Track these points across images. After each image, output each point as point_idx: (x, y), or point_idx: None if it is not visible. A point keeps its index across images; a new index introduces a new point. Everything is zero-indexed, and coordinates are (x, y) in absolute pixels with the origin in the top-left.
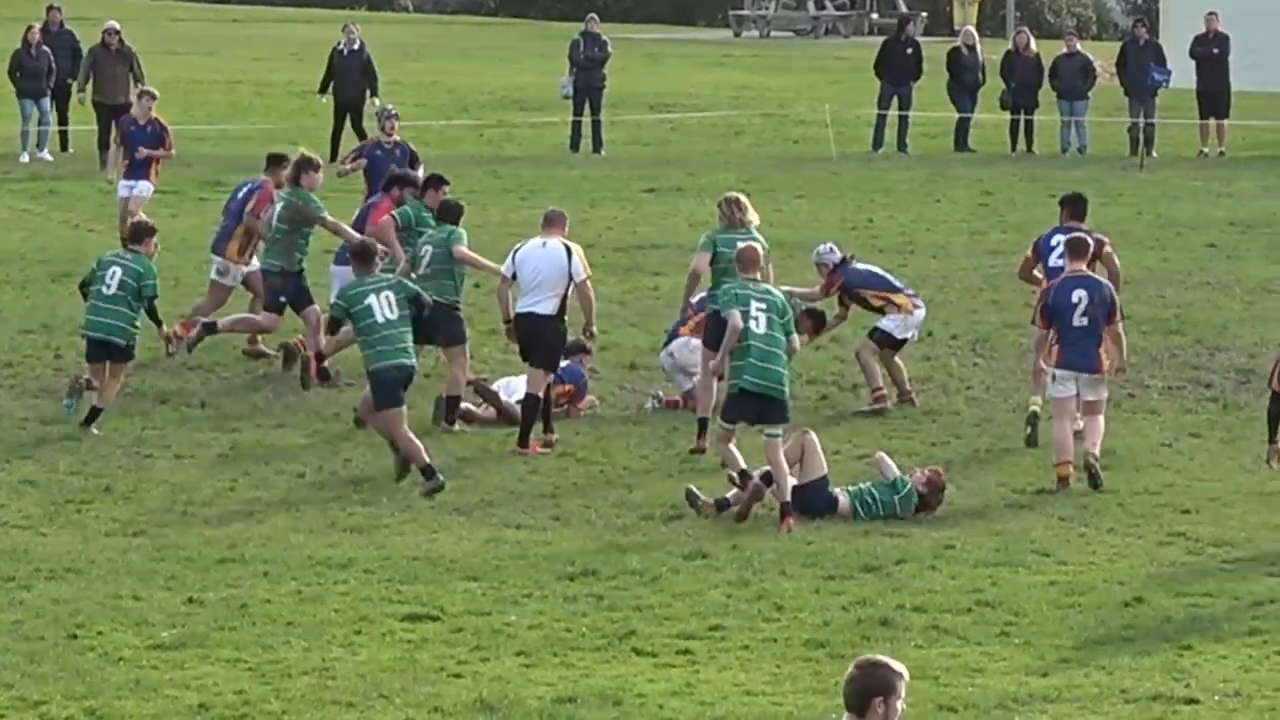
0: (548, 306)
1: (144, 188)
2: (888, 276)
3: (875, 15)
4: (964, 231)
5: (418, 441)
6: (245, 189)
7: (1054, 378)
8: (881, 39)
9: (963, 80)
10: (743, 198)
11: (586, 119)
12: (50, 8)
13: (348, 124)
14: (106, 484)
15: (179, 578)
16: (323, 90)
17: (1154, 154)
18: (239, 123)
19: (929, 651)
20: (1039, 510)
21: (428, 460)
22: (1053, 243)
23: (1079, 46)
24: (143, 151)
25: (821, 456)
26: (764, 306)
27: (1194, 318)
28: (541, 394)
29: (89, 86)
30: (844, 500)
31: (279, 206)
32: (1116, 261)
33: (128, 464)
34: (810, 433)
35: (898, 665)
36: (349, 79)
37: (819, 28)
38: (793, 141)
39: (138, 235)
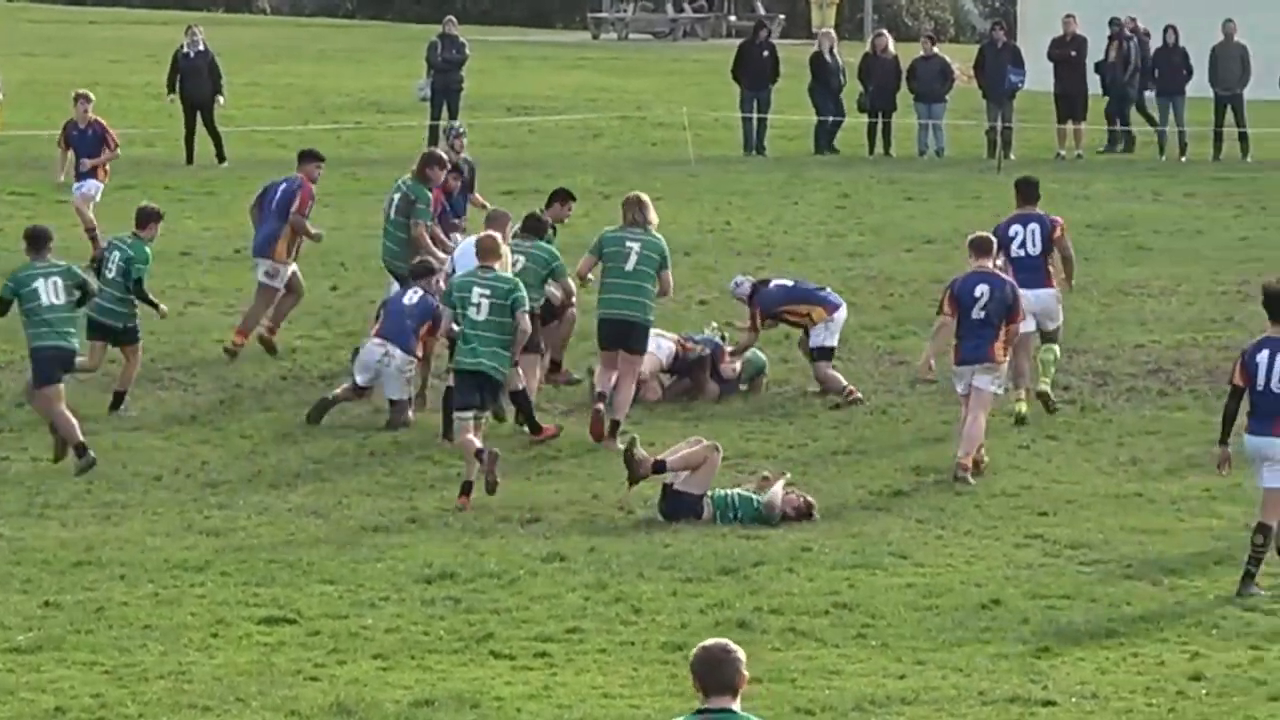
0: None
1: (91, 186)
2: (804, 286)
3: (733, 18)
4: (822, 234)
5: (73, 420)
6: (281, 189)
7: (954, 374)
8: (740, 41)
9: (826, 83)
10: (645, 198)
11: (444, 121)
12: None
13: (199, 124)
14: None
15: (35, 581)
16: (170, 89)
17: (1011, 156)
18: None
19: (786, 654)
20: (896, 512)
21: (80, 439)
22: (1011, 233)
23: (936, 49)
24: (86, 164)
25: (712, 476)
26: (487, 293)
27: None
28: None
29: None
30: (708, 509)
31: (398, 198)
32: (1070, 244)
33: None
34: (719, 450)
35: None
36: (196, 80)
37: (677, 30)
38: (650, 144)
39: (142, 220)
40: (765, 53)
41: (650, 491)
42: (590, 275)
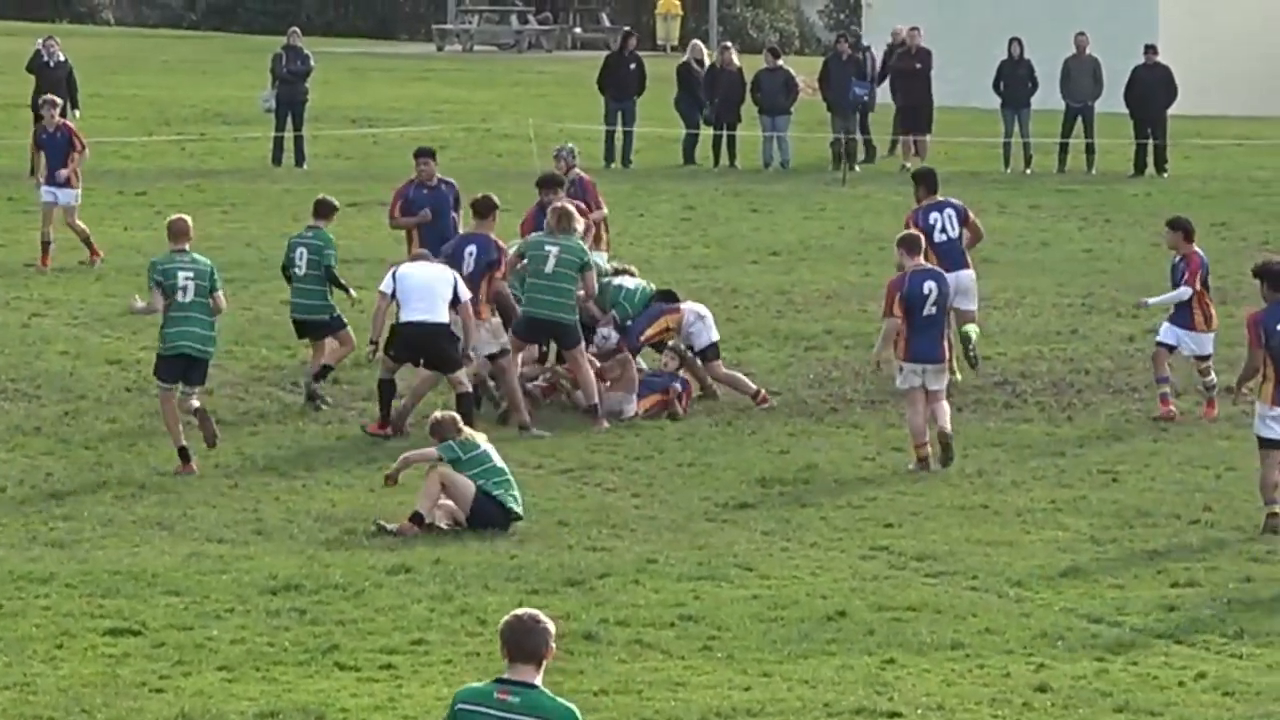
0: (440, 315)
1: (69, 195)
2: (654, 307)
3: (579, 30)
4: (667, 246)
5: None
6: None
7: (901, 370)
8: (585, 53)
9: (693, 94)
10: (571, 209)
11: (289, 133)
12: None
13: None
14: None
15: None
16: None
17: (856, 169)
18: None
19: (632, 665)
20: (741, 525)
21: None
22: (930, 220)
23: (781, 62)
24: (61, 174)
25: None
26: (191, 275)
27: None
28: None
29: None
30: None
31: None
32: (981, 227)
33: None
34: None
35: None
36: (53, 91)
37: (522, 42)
38: (496, 155)
39: (323, 211)
40: (632, 65)
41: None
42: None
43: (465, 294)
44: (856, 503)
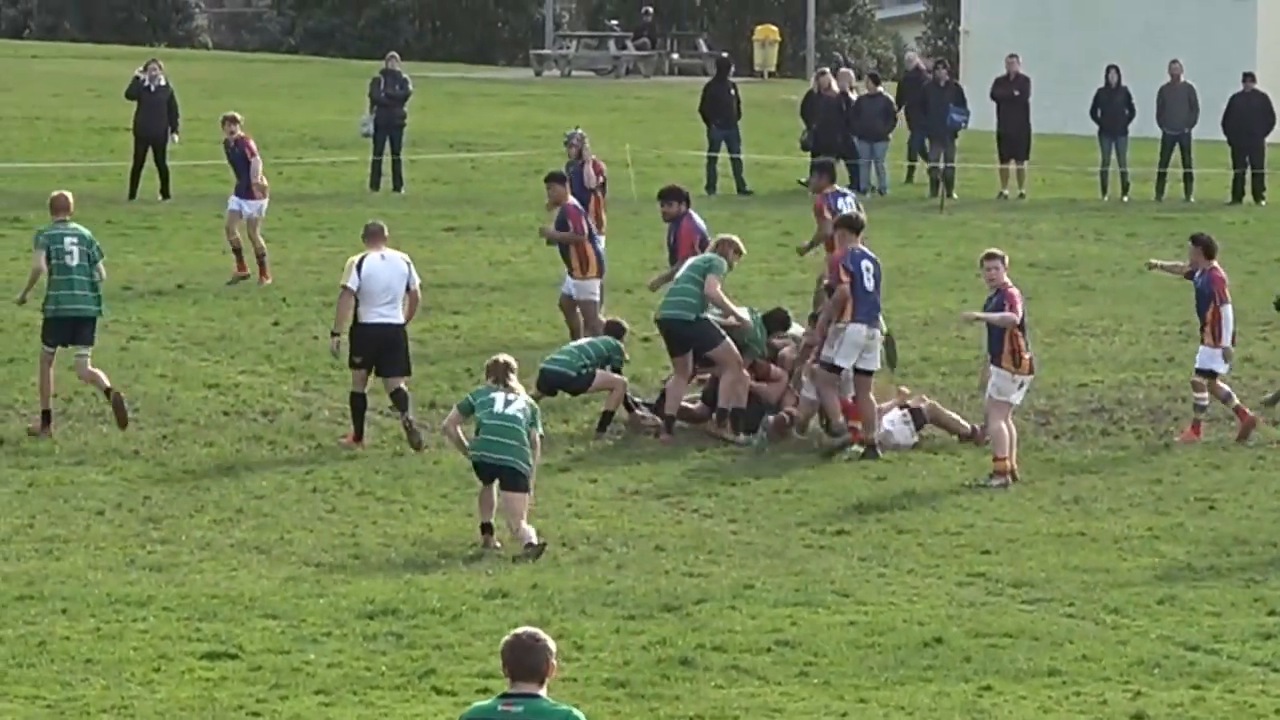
0: (399, 315)
1: (250, 206)
2: None
3: (675, 55)
4: (764, 271)
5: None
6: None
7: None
8: (682, 79)
9: (829, 123)
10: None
11: (387, 157)
12: None
13: (149, 160)
14: None
15: None
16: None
17: (954, 196)
18: (37, 159)
19: (729, 691)
20: (838, 550)
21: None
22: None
23: (880, 88)
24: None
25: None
26: (75, 241)
27: None
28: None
29: None
30: None
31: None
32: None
33: None
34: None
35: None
36: (153, 115)
37: (620, 67)
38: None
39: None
40: (732, 91)
41: (592, 528)
42: None
43: (416, 282)
44: (953, 529)
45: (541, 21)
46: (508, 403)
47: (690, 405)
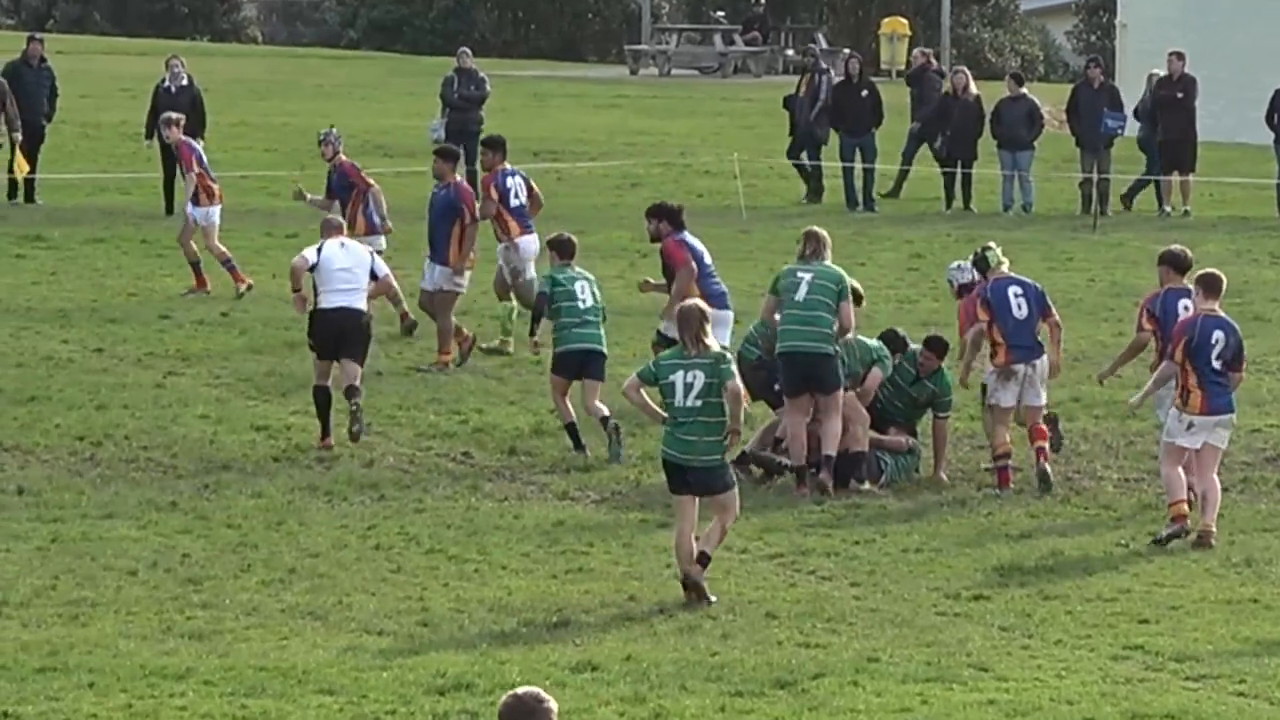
0: (360, 301)
1: (202, 214)
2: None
3: (790, 52)
4: (891, 299)
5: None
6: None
7: (1191, 425)
8: (797, 79)
9: (966, 130)
10: (822, 234)
11: (461, 167)
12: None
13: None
14: None
15: None
16: (149, 134)
17: (1108, 212)
18: (63, 169)
19: None
20: (976, 619)
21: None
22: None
23: (1024, 90)
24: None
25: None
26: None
27: (1154, 399)
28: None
29: None
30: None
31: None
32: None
33: None
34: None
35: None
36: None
37: (726, 65)
38: (696, 195)
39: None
40: (864, 92)
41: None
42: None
43: (383, 270)
44: (1107, 595)
45: (637, 13)
46: (688, 388)
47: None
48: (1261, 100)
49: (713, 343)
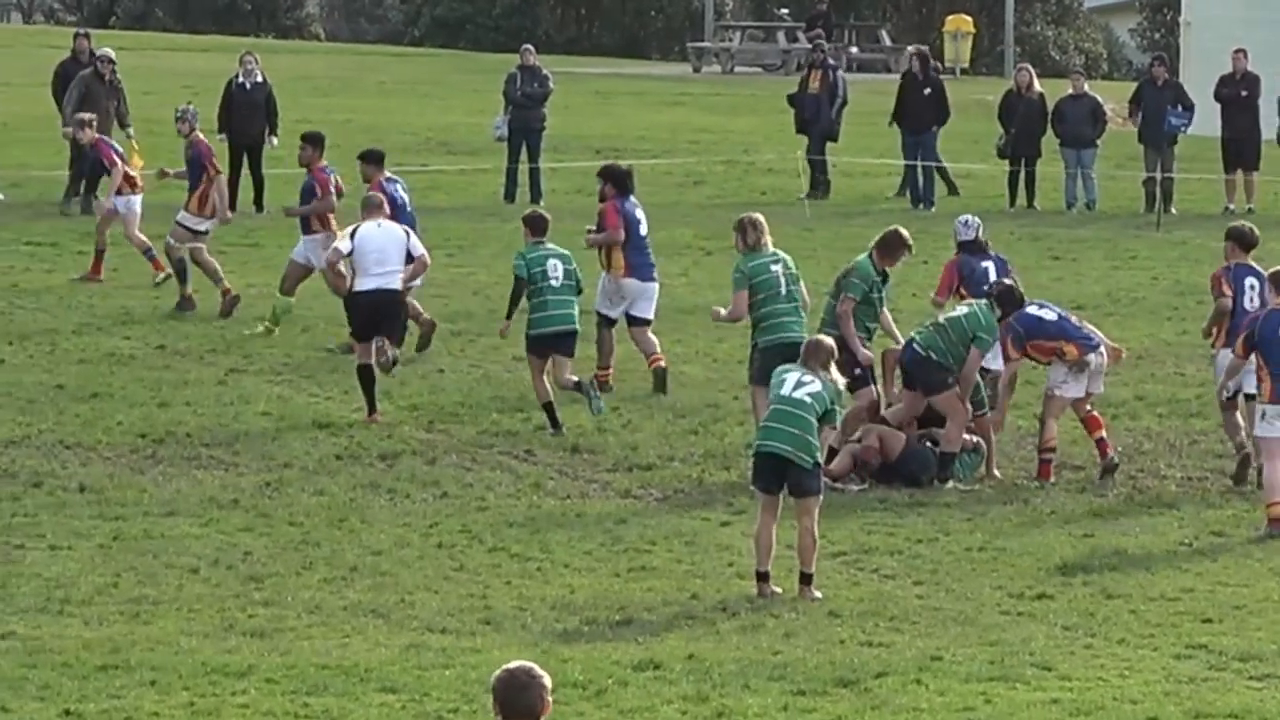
0: (396, 282)
1: (135, 201)
2: (1067, 320)
3: (855, 49)
4: (954, 298)
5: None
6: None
7: (1264, 414)
8: (863, 76)
9: (1030, 128)
10: (760, 220)
11: (523, 165)
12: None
13: (245, 167)
14: None
15: (53, 686)
16: (222, 129)
17: (1173, 211)
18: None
19: None
20: (1039, 618)
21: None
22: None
23: (1087, 87)
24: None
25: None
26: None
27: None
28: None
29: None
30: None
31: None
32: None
33: None
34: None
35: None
36: (249, 116)
37: (789, 63)
38: (760, 193)
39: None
40: (928, 89)
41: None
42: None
43: (418, 250)
44: (1170, 594)
45: (701, 10)
46: (799, 384)
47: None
48: None
49: (838, 378)
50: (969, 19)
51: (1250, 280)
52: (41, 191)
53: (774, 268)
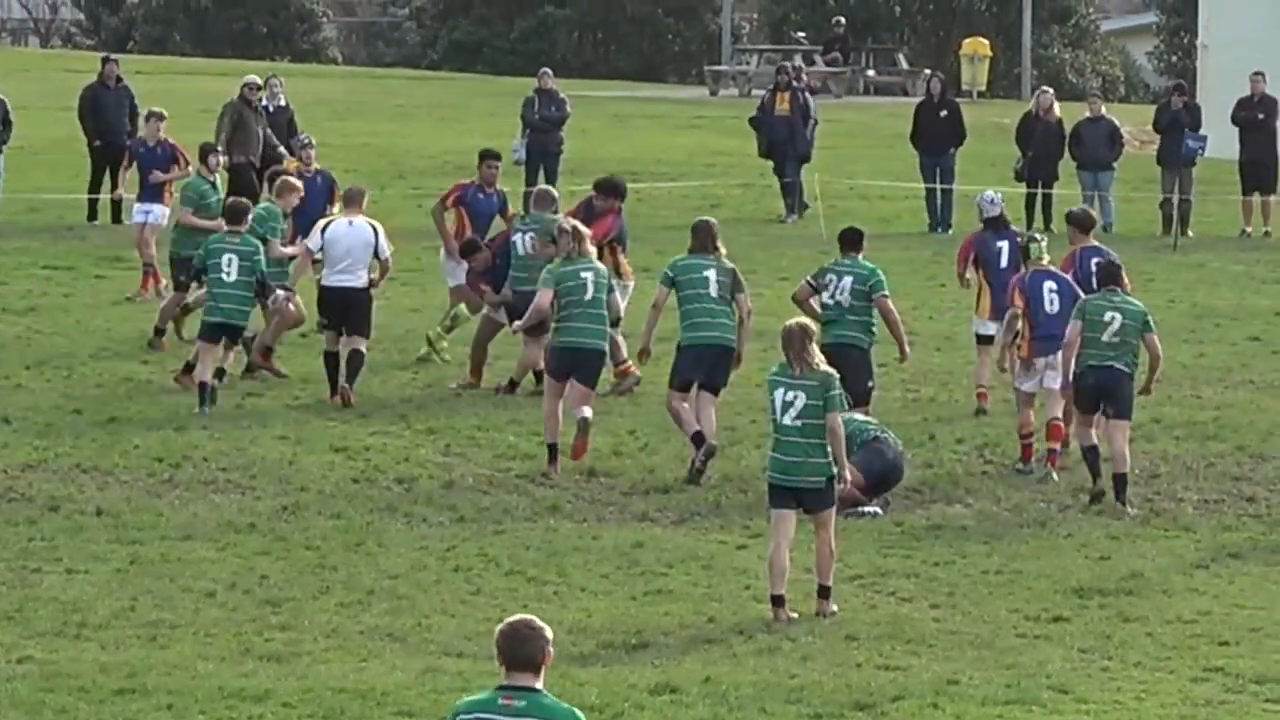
0: (360, 279)
1: (159, 212)
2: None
3: (872, 72)
4: (970, 320)
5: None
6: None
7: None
8: (879, 100)
9: (1047, 151)
10: (582, 229)
11: (541, 186)
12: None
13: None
14: None
15: (70, 711)
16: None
17: (1190, 234)
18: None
19: None
20: (1056, 641)
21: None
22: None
23: (1105, 110)
24: (156, 175)
25: None
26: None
27: (1235, 421)
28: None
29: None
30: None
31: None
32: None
33: (11, 579)
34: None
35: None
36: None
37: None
38: (777, 217)
39: (238, 215)
40: (944, 112)
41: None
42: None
43: (386, 252)
44: (1187, 617)
45: (718, 33)
46: (786, 407)
47: None
48: None
49: (820, 362)
50: (986, 42)
51: (1096, 261)
52: (60, 214)
53: (584, 275)
